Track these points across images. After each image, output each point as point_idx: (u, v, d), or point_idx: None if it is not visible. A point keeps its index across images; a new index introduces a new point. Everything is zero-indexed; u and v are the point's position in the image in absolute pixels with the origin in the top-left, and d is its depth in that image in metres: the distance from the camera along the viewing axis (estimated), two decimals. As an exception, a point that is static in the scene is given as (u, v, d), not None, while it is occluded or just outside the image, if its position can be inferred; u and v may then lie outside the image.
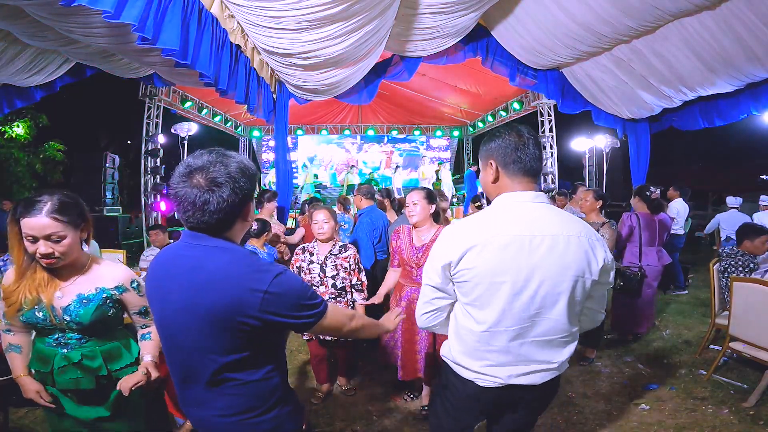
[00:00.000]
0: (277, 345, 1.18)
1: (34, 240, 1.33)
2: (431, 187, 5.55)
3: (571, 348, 1.32)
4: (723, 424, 2.60)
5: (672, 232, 5.16)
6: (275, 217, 4.75)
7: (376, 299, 2.74)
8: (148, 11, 2.75)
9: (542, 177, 9.43)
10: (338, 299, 2.81)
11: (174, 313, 1.07)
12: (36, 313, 1.42)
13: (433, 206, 2.63)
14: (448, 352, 1.40)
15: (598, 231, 2.94)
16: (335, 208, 4.54)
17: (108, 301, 1.49)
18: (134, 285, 1.56)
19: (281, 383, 1.16)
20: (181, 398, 1.17)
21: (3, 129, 9.54)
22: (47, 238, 1.34)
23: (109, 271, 1.53)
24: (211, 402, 1.09)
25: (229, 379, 1.07)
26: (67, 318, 1.42)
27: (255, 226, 3.47)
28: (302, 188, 11.80)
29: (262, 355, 1.11)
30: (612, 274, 1.32)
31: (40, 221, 1.32)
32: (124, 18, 2.63)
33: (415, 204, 2.58)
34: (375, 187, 4.64)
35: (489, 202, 1.37)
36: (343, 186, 12.17)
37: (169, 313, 1.08)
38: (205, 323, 1.03)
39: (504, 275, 1.20)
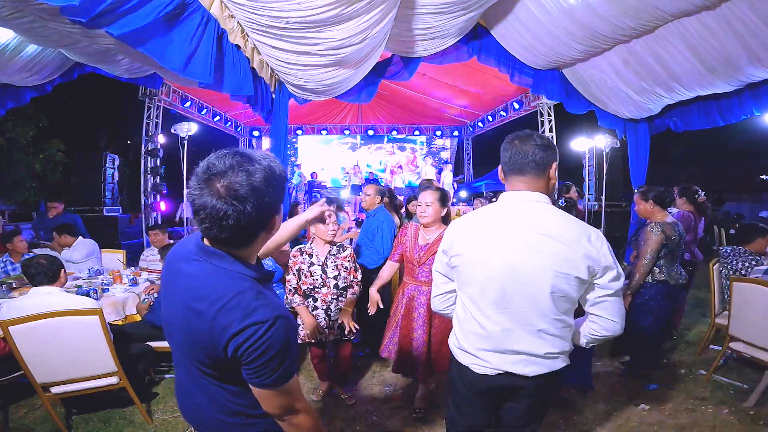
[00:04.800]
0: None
1: None
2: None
3: (556, 343, 1.36)
4: (723, 424, 2.60)
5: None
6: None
7: (373, 302, 2.75)
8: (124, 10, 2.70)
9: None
10: (339, 299, 2.83)
11: (172, 311, 1.06)
12: None
13: (445, 209, 2.64)
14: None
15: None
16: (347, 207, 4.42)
17: None
18: None
19: None
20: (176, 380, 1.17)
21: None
22: None
23: None
24: (198, 397, 1.09)
25: (210, 385, 1.06)
26: None
27: None
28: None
29: (240, 384, 1.04)
30: (613, 278, 1.31)
31: None
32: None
33: (428, 205, 2.58)
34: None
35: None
36: (346, 186, 12.14)
37: (170, 309, 1.08)
38: (188, 339, 1.03)
39: (480, 263, 1.39)
